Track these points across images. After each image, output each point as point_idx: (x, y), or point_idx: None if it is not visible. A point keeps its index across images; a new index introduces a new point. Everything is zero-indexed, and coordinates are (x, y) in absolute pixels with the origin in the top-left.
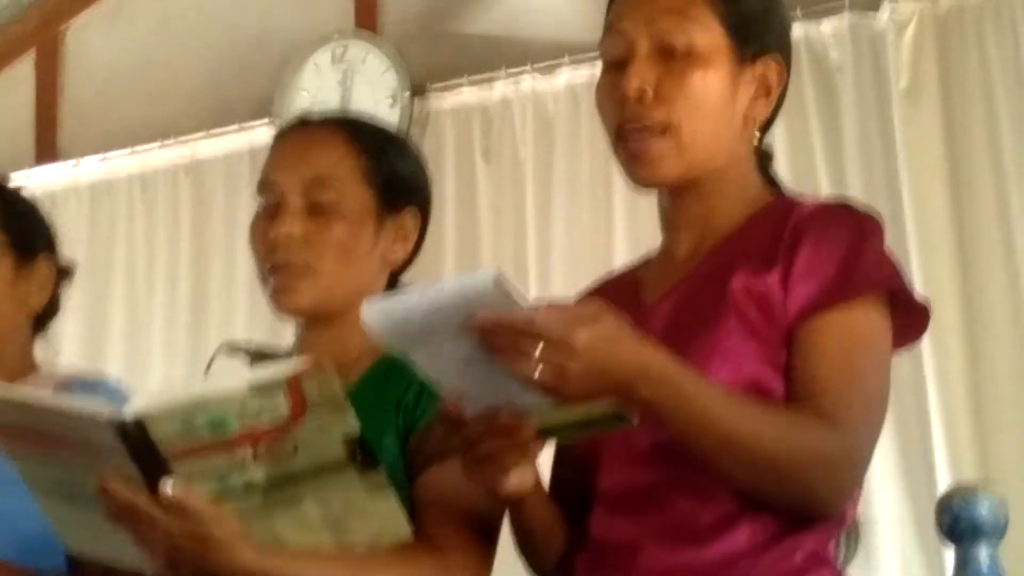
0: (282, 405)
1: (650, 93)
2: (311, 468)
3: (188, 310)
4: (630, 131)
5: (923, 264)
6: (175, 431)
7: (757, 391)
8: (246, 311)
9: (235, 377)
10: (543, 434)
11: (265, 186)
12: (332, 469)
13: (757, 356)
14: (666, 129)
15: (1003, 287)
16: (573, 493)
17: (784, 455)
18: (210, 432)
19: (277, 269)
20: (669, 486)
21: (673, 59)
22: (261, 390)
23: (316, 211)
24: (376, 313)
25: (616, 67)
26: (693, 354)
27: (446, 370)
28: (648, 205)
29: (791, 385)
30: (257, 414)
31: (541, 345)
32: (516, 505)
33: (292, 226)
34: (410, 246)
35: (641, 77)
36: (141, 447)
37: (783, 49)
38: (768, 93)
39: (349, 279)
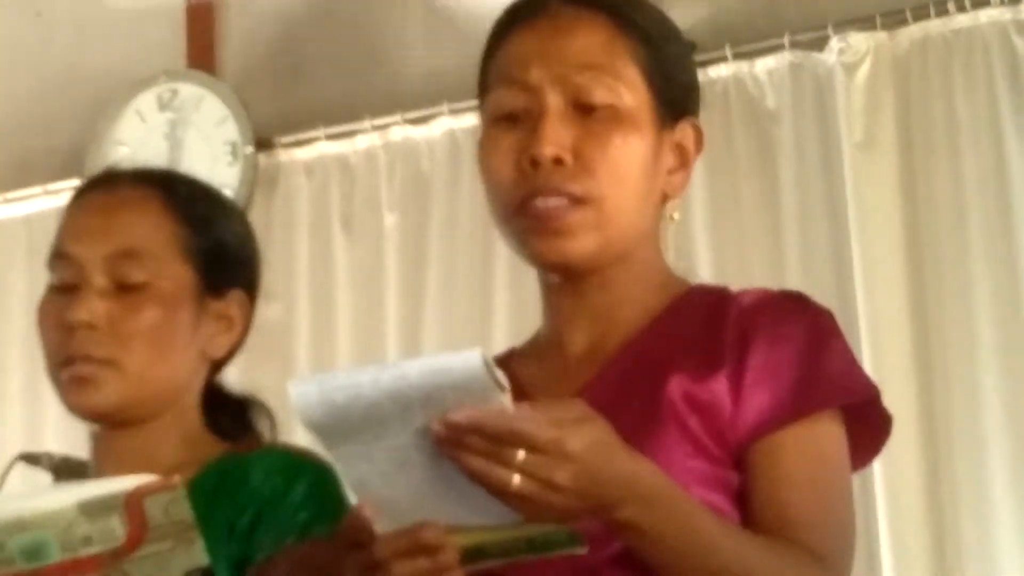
0: (117, 529)
1: (569, 160)
2: None
3: None
4: (540, 202)
5: (875, 359)
6: None
7: None
8: (57, 410)
9: (62, 493)
10: (468, 557)
11: (60, 260)
12: None
13: (703, 476)
14: (585, 201)
15: (966, 389)
16: None
17: None
18: (24, 560)
19: (73, 360)
20: None
21: (591, 118)
22: (93, 510)
23: (123, 291)
24: (309, 395)
25: (512, 121)
26: None
27: (373, 475)
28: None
29: (757, 516)
30: (85, 540)
31: (523, 451)
32: None
33: (93, 311)
34: (236, 335)
35: (557, 141)
36: None
37: (696, 108)
38: (685, 164)
39: (161, 375)
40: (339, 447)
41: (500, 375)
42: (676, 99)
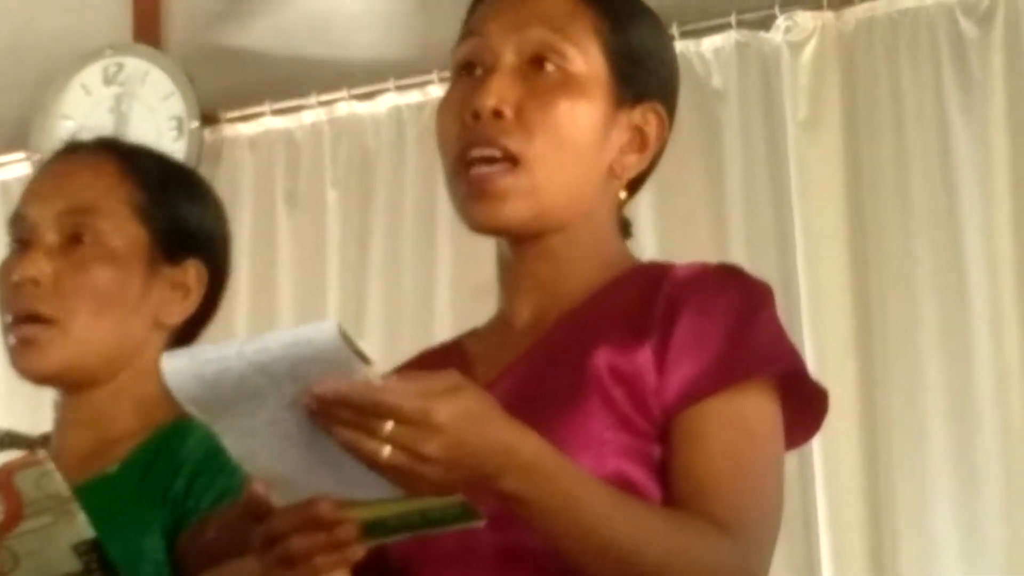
0: None
1: (508, 114)
2: None
3: None
4: (474, 159)
5: (817, 336)
6: None
7: (622, 489)
8: (3, 382)
9: None
10: (367, 532)
11: (16, 221)
12: None
13: (622, 448)
14: (518, 162)
15: (907, 368)
16: None
17: (674, 570)
18: None
19: (18, 321)
20: None
21: (541, 79)
22: None
23: (72, 248)
24: (180, 369)
25: (468, 77)
26: None
27: (259, 448)
28: (480, 260)
29: (673, 486)
30: None
31: (391, 423)
32: None
33: (39, 267)
34: (191, 305)
35: (500, 94)
36: None
37: (666, 99)
38: (643, 148)
39: (109, 337)
40: (219, 421)
41: (362, 347)
42: (637, 80)
